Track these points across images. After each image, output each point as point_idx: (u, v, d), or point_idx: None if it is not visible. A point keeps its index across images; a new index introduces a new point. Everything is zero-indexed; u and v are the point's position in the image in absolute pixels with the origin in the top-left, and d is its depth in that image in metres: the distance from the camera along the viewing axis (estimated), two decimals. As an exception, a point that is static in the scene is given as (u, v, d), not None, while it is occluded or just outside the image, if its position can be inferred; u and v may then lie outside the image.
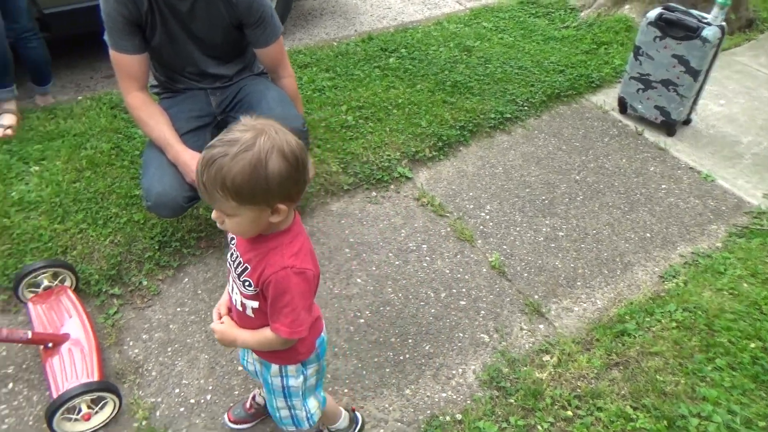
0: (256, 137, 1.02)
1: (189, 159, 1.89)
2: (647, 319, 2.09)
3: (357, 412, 1.74)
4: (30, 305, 1.89)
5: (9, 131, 2.69)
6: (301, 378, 1.37)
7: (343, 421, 1.67)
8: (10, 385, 1.79)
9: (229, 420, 1.72)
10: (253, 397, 1.70)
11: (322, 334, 1.39)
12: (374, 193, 2.64)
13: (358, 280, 2.24)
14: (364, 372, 1.92)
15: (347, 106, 3.03)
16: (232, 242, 1.23)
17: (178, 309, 2.07)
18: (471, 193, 2.70)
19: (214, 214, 1.11)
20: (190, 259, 2.24)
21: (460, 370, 1.95)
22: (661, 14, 2.98)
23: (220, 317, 1.31)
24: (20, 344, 1.81)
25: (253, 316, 1.23)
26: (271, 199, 1.06)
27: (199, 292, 2.14)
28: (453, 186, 2.73)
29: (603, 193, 2.76)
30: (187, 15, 1.90)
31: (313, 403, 1.45)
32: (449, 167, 2.84)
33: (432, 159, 2.86)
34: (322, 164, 2.66)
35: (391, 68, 3.44)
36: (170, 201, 1.90)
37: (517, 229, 2.53)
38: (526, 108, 3.26)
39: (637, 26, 3.99)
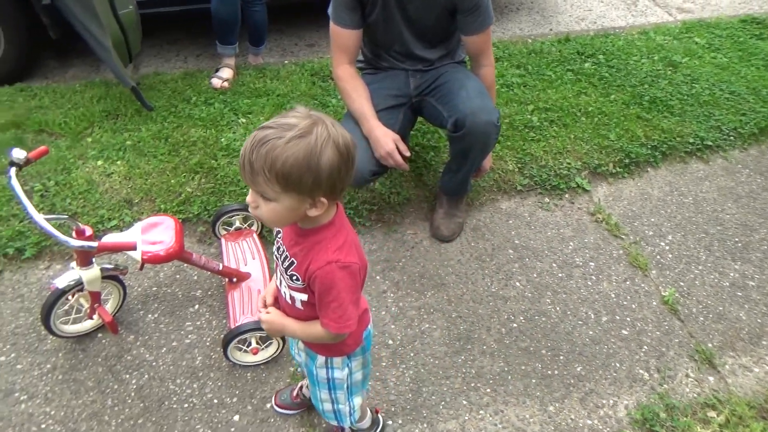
0: (313, 125, 1.00)
1: (381, 135, 1.98)
2: None
3: (380, 415, 1.72)
4: (223, 241, 2.12)
5: (226, 84, 3.01)
6: (346, 370, 1.35)
7: (367, 421, 1.65)
8: (196, 306, 2.04)
9: (275, 403, 1.75)
10: (300, 387, 1.71)
11: (369, 326, 1.36)
12: (547, 199, 2.56)
13: (517, 284, 2.20)
14: (510, 377, 1.90)
15: (534, 106, 2.96)
16: (278, 236, 1.23)
17: (343, 273, 2.19)
18: (652, 219, 2.51)
19: (249, 198, 1.08)
20: (360, 228, 2.35)
21: (611, 402, 1.85)
22: None
23: (266, 305, 1.31)
24: (210, 273, 2.03)
25: (302, 308, 1.22)
26: (316, 190, 1.03)
27: (364, 261, 2.24)
28: (633, 207, 2.56)
29: (812, 249, 2.42)
30: (406, -4, 1.97)
31: (358, 401, 1.45)
32: (632, 187, 2.66)
33: (615, 175, 2.69)
34: (498, 161, 2.63)
35: (586, 73, 3.28)
36: (356, 173, 1.98)
37: (700, 267, 2.31)
38: (731, 138, 2.94)
39: None
